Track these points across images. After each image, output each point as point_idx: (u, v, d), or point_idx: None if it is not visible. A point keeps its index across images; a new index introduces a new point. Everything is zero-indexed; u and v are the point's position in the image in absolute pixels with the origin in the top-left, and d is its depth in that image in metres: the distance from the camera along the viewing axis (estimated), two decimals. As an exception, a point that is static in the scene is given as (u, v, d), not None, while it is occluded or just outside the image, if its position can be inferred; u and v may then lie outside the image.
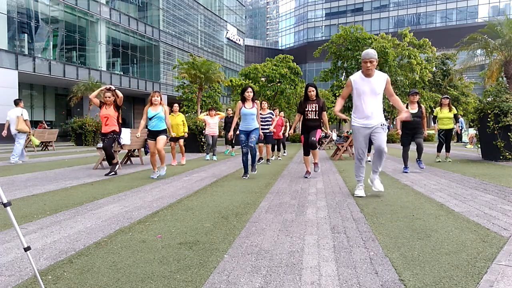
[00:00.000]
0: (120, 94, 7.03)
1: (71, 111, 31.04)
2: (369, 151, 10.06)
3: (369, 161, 9.68)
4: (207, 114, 10.87)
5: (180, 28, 42.91)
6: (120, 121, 7.18)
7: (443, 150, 9.47)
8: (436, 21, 62.41)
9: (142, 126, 6.70)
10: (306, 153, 6.57)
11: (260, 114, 9.35)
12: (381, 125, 4.52)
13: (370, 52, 4.42)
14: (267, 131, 9.52)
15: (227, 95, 43.57)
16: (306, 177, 6.41)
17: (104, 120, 6.96)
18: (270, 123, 9.64)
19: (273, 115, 9.80)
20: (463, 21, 59.51)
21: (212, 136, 10.68)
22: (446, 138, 9.26)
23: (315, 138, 6.43)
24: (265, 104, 9.72)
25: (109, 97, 6.96)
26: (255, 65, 28.78)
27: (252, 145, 6.56)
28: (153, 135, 6.56)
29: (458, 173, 6.86)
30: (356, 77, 4.56)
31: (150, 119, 6.53)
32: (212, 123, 10.62)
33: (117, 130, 7.03)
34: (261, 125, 9.32)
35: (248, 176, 6.56)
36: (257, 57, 74.72)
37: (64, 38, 28.50)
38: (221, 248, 2.63)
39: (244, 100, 6.60)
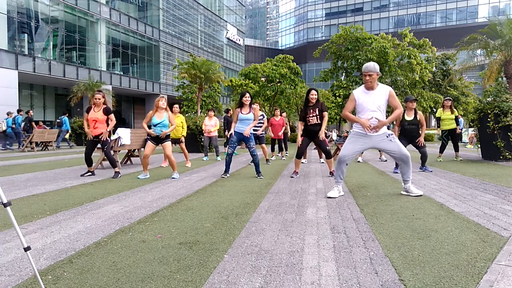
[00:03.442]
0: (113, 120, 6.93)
1: (71, 111, 31.03)
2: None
3: (359, 161, 9.62)
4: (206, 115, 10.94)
5: (180, 28, 42.90)
6: (110, 122, 6.92)
7: (446, 150, 9.49)
8: (436, 21, 62.40)
9: (147, 128, 6.56)
10: (299, 156, 6.59)
11: None
12: (387, 136, 4.50)
13: (370, 66, 4.38)
14: (258, 132, 9.56)
15: (227, 95, 43.56)
16: (292, 177, 6.42)
17: (92, 123, 6.72)
18: (262, 124, 9.71)
19: (264, 117, 9.84)
20: (463, 21, 59.50)
21: (210, 137, 10.70)
22: (452, 138, 9.31)
23: (329, 147, 6.52)
24: (257, 106, 9.74)
25: (98, 99, 6.78)
26: (255, 65, 28.74)
27: (254, 153, 6.65)
28: (155, 139, 6.54)
29: (458, 173, 6.86)
30: (359, 92, 4.52)
31: (154, 126, 6.49)
32: (209, 125, 10.64)
33: (107, 129, 6.80)
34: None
35: (228, 175, 6.62)
36: (257, 57, 74.71)
37: (64, 38, 28.49)
38: (221, 248, 2.63)
39: (241, 105, 6.63)
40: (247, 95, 6.66)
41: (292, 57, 28.54)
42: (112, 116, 6.86)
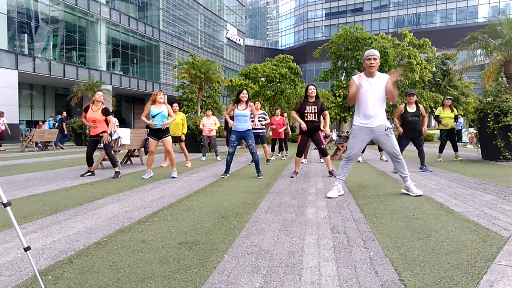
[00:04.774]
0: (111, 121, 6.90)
1: (71, 111, 31.04)
2: (362, 151, 10.04)
3: (359, 161, 9.62)
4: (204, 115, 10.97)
5: (180, 28, 42.91)
6: (109, 123, 6.91)
7: (446, 150, 9.48)
8: (436, 21, 62.40)
9: (147, 120, 6.47)
10: (299, 155, 6.59)
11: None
12: (386, 129, 4.53)
13: (374, 50, 4.52)
14: (260, 131, 9.57)
15: (227, 95, 43.58)
16: (292, 177, 6.42)
17: (91, 123, 6.71)
18: (263, 121, 9.73)
19: (266, 115, 9.85)
20: (463, 21, 59.51)
21: (210, 136, 10.70)
22: (451, 138, 9.30)
23: (324, 146, 6.52)
24: (258, 105, 9.75)
25: (101, 95, 6.76)
26: (255, 65, 28.74)
27: (253, 151, 6.65)
28: (155, 134, 6.52)
29: (458, 173, 6.86)
30: (358, 76, 4.57)
31: (153, 117, 6.46)
32: (208, 124, 10.64)
33: (107, 130, 6.79)
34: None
35: (228, 175, 6.63)
36: (257, 57, 74.70)
37: (64, 38, 28.50)
38: (221, 248, 2.63)
39: (238, 101, 6.64)
40: (245, 92, 6.69)
41: (292, 57, 28.54)
42: (110, 117, 6.82)
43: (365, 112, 4.53)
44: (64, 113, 18.88)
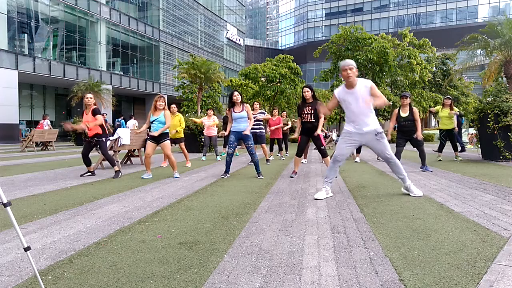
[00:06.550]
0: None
1: (71, 111, 31.02)
2: (358, 151, 10.02)
3: (356, 161, 9.59)
4: (205, 115, 10.97)
5: (180, 28, 42.89)
6: (106, 124, 7.17)
7: (446, 150, 9.48)
8: (436, 21, 62.39)
9: (144, 129, 6.89)
10: (299, 154, 6.61)
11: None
12: (376, 134, 4.51)
13: (348, 60, 4.41)
14: (258, 131, 9.56)
15: (227, 95, 43.54)
16: (292, 177, 6.42)
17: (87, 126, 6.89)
18: (261, 123, 9.75)
19: (264, 114, 9.86)
20: (463, 21, 59.50)
21: (210, 136, 10.71)
22: (450, 138, 9.29)
23: (324, 147, 6.53)
24: (256, 105, 9.79)
25: (90, 97, 6.83)
26: (255, 65, 28.72)
27: (252, 152, 6.66)
28: (154, 139, 6.60)
29: (458, 173, 6.86)
30: (340, 90, 4.55)
31: (151, 122, 6.61)
32: (208, 124, 10.64)
33: (100, 132, 6.86)
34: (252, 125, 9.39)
35: (228, 175, 6.64)
36: (257, 57, 74.67)
37: (64, 38, 28.48)
38: (221, 248, 2.63)
39: (233, 104, 6.62)
40: (236, 93, 6.67)
41: (292, 57, 28.52)
42: (97, 116, 6.84)
43: (353, 121, 4.52)
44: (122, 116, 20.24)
